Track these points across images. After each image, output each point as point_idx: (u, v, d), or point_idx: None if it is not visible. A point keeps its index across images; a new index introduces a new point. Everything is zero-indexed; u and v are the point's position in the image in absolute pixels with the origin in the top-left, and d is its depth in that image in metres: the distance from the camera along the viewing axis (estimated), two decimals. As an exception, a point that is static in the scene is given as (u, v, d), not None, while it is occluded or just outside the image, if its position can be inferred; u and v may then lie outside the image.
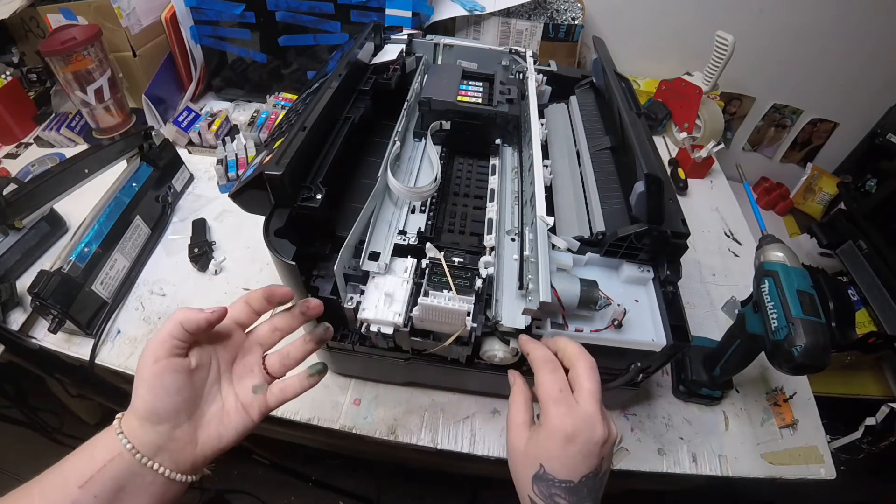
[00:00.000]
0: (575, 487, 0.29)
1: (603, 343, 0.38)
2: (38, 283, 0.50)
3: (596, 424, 0.29)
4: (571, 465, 0.29)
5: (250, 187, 0.37)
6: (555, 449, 0.29)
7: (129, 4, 0.75)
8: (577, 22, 0.86)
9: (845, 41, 0.91)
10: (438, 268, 0.38)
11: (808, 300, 0.38)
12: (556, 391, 0.30)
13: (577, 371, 0.31)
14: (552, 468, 0.29)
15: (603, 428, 0.30)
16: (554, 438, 0.29)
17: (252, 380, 0.33)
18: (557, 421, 0.29)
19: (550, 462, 0.29)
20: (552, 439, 0.29)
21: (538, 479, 0.29)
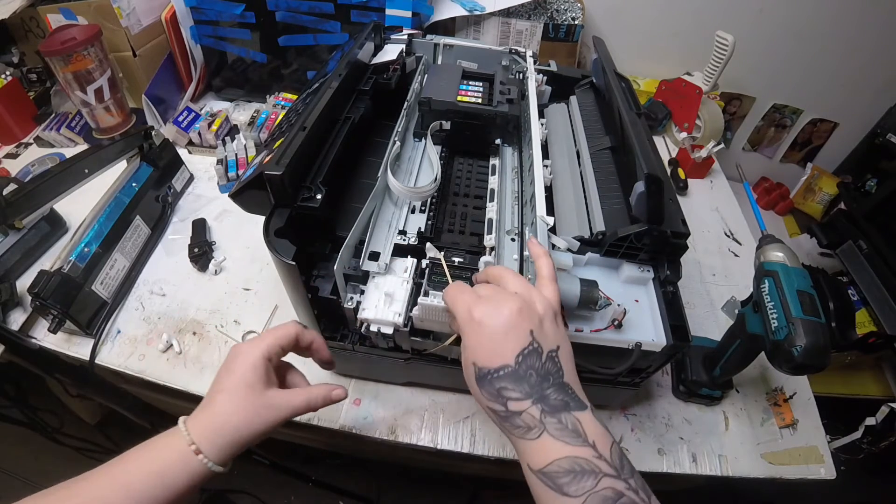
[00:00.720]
0: (515, 371, 0.26)
1: (603, 343, 0.38)
2: (38, 282, 0.50)
3: (500, 297, 0.27)
4: (497, 350, 0.26)
5: (250, 187, 0.37)
6: (475, 342, 0.27)
7: (129, 4, 0.75)
8: (577, 22, 0.86)
9: (845, 41, 0.91)
10: (438, 268, 0.38)
11: (808, 300, 0.38)
12: (466, 296, 0.29)
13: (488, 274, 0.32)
14: (482, 360, 0.27)
15: (513, 297, 0.27)
16: (469, 332, 0.27)
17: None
18: (467, 314, 0.27)
19: (478, 356, 0.27)
20: (469, 335, 0.27)
21: (480, 380, 0.27)
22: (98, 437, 1.01)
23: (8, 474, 0.92)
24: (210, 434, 0.30)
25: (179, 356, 0.54)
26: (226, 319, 0.58)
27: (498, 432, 0.50)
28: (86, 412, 1.02)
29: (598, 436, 0.25)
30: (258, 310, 0.59)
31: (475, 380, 0.27)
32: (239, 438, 0.31)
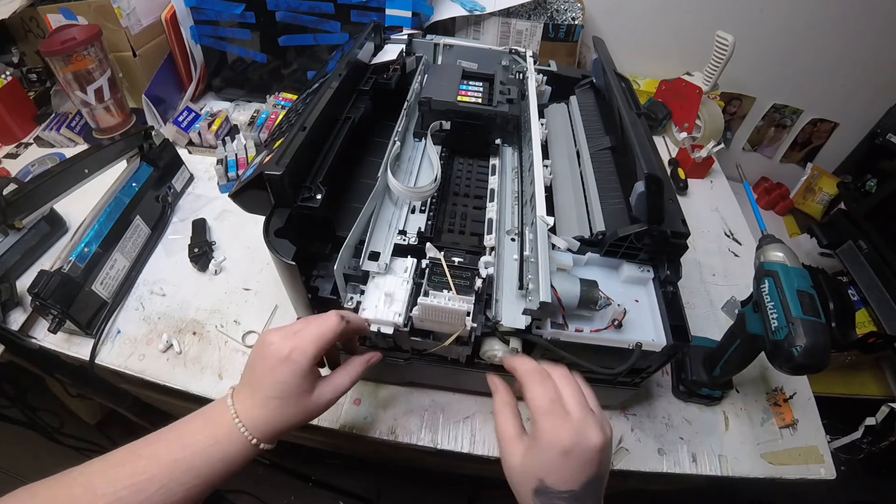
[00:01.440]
0: (577, 494, 0.29)
1: (603, 343, 0.38)
2: (38, 282, 0.50)
3: (590, 431, 0.29)
4: (571, 476, 0.29)
5: (250, 187, 0.37)
6: (552, 463, 0.29)
7: (129, 4, 0.75)
8: (577, 22, 0.86)
9: (845, 41, 0.92)
10: (438, 268, 0.38)
11: (808, 300, 0.38)
12: (547, 402, 0.30)
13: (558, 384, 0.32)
14: (552, 482, 0.29)
15: (598, 433, 0.29)
16: (550, 452, 0.29)
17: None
18: (552, 435, 0.29)
19: (550, 476, 0.29)
20: (549, 453, 0.29)
21: (539, 493, 0.29)
22: (98, 437, 1.01)
23: (8, 474, 0.92)
24: (269, 433, 0.32)
25: (179, 356, 0.54)
26: (226, 319, 0.58)
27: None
28: (86, 412, 1.02)
29: None
30: (258, 310, 0.59)
31: (534, 493, 0.29)
32: (291, 429, 0.34)
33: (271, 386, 0.32)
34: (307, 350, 0.32)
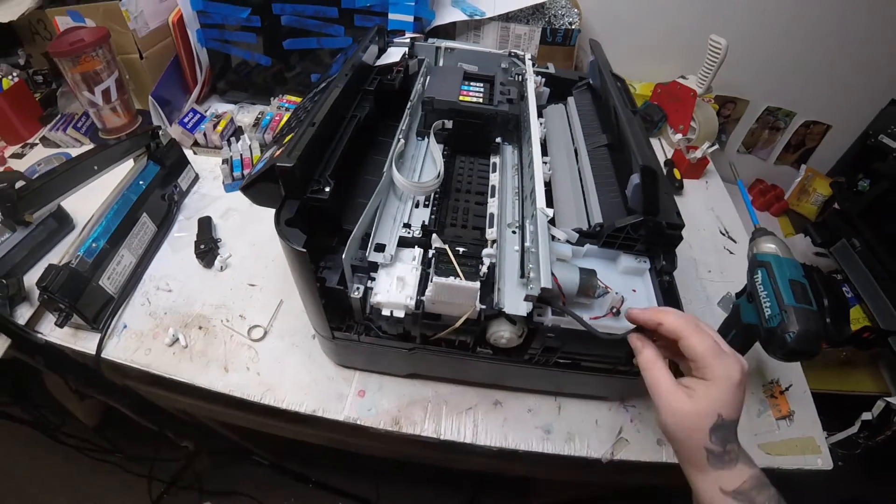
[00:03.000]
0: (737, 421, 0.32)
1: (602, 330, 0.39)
2: (47, 276, 0.50)
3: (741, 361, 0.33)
4: (738, 405, 0.32)
5: (262, 180, 0.38)
6: (729, 397, 0.31)
7: (137, 7, 0.77)
8: (574, 26, 0.88)
9: (837, 44, 0.94)
10: (444, 256, 0.40)
11: (800, 288, 0.40)
12: (713, 344, 0.32)
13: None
14: (727, 414, 0.31)
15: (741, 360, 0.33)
16: (727, 388, 0.31)
17: None
18: (726, 372, 0.32)
19: (725, 410, 0.31)
20: (725, 390, 0.31)
21: (717, 429, 0.31)
22: (98, 437, 1.01)
23: (8, 474, 0.92)
24: None
25: (185, 350, 0.55)
26: (231, 314, 0.58)
27: (499, 423, 0.51)
28: (84, 414, 1.02)
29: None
30: (263, 305, 0.59)
31: (710, 431, 0.31)
32: None
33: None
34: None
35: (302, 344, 0.56)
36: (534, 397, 0.53)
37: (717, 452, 0.31)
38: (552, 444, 0.50)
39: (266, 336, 0.56)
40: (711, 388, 0.32)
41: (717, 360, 0.32)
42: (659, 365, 0.34)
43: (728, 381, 0.31)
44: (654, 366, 0.34)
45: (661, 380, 0.33)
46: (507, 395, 0.53)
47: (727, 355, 0.32)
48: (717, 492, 0.31)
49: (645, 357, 0.35)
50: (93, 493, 1.06)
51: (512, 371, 0.48)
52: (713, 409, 0.31)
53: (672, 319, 0.33)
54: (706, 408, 0.31)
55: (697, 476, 0.33)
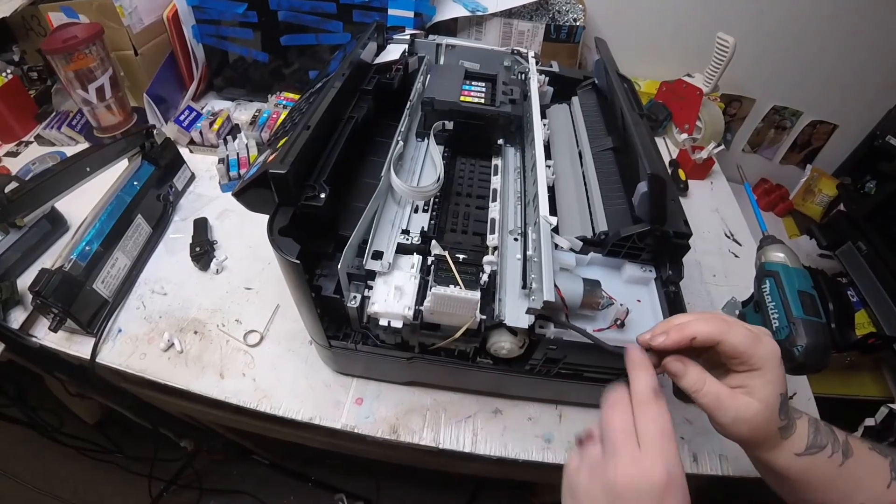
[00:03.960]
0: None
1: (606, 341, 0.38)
2: (40, 281, 0.50)
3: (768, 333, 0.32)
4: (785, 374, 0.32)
5: (254, 185, 0.37)
6: (781, 373, 0.32)
7: (131, 3, 0.75)
8: (578, 23, 0.86)
9: (845, 43, 0.92)
10: (444, 264, 0.38)
11: (809, 300, 0.39)
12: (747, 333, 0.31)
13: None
14: (784, 388, 0.32)
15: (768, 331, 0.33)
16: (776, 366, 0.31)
17: None
18: (767, 352, 0.31)
19: (783, 385, 0.32)
20: (775, 368, 0.31)
21: (782, 406, 0.31)
22: (98, 436, 1.01)
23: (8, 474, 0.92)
24: None
25: (181, 355, 0.54)
26: (227, 318, 0.58)
27: (499, 432, 0.50)
28: (85, 412, 1.02)
29: None
30: (260, 309, 0.59)
31: (777, 410, 0.31)
32: None
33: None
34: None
35: (298, 349, 0.55)
36: (534, 405, 0.52)
37: (785, 425, 0.32)
38: (553, 454, 0.49)
39: (262, 341, 0.56)
40: (765, 374, 0.31)
41: (757, 347, 0.31)
42: (710, 379, 0.32)
43: (774, 359, 0.31)
44: (706, 381, 0.31)
45: (721, 392, 0.31)
46: (507, 404, 0.52)
47: (759, 335, 0.31)
48: (793, 457, 0.32)
49: (692, 379, 0.31)
50: (93, 492, 1.07)
51: (512, 381, 0.47)
52: (775, 394, 0.31)
53: (703, 328, 0.31)
54: (769, 396, 0.31)
55: (770, 454, 0.32)
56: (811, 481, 0.32)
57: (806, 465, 0.32)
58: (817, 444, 0.32)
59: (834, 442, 0.32)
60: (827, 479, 0.32)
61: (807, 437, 0.32)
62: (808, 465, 0.32)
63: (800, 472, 0.32)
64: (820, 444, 0.32)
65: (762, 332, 0.32)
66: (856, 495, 0.32)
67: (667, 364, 0.32)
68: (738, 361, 0.31)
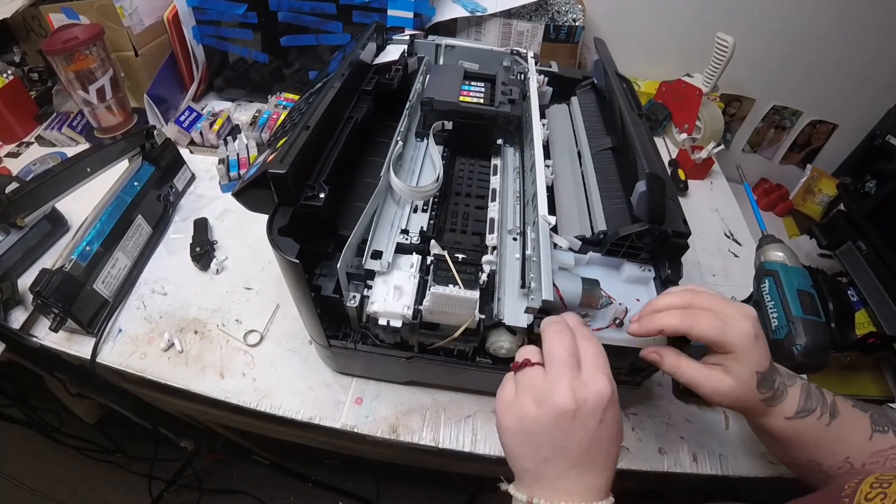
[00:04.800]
0: (771, 362, 0.34)
1: (605, 342, 0.38)
2: (40, 281, 0.50)
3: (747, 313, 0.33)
4: (766, 350, 0.33)
5: (254, 186, 0.37)
6: (756, 353, 0.33)
7: (132, 4, 0.75)
8: (577, 23, 0.86)
9: (845, 43, 0.92)
10: (443, 263, 0.39)
11: (808, 299, 0.39)
12: (716, 323, 0.32)
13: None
14: (763, 365, 0.33)
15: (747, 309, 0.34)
16: (750, 349, 0.33)
17: None
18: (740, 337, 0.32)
19: (759, 364, 0.33)
20: (749, 350, 0.33)
21: (762, 382, 0.33)
22: (98, 436, 1.01)
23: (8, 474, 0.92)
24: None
25: (181, 355, 0.54)
26: (227, 318, 0.58)
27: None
28: (85, 412, 1.02)
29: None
30: (260, 309, 0.59)
31: (757, 385, 0.33)
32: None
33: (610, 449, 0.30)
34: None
35: (298, 349, 0.55)
36: (534, 405, 0.52)
37: (769, 396, 0.34)
38: (552, 453, 0.49)
39: (262, 341, 0.56)
40: (737, 357, 0.33)
41: (727, 334, 0.32)
42: (684, 361, 0.35)
43: (744, 343, 0.32)
44: (680, 365, 0.34)
45: (696, 372, 0.34)
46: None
47: (732, 321, 0.32)
48: (783, 421, 0.34)
49: (668, 364, 0.35)
50: (93, 492, 1.07)
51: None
52: (750, 372, 0.33)
53: (670, 322, 0.33)
54: (743, 374, 0.33)
55: (761, 419, 0.35)
56: (801, 440, 0.35)
57: (796, 426, 0.34)
58: (807, 408, 0.34)
59: (823, 404, 0.35)
60: (816, 438, 0.35)
61: (797, 403, 0.34)
62: (799, 427, 0.34)
63: (791, 433, 0.35)
64: (810, 407, 0.34)
65: (735, 314, 0.33)
66: (842, 450, 0.34)
67: (643, 356, 0.36)
68: (712, 346, 0.33)
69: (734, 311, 0.33)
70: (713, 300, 0.33)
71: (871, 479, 0.27)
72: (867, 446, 0.34)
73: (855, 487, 0.27)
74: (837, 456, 0.34)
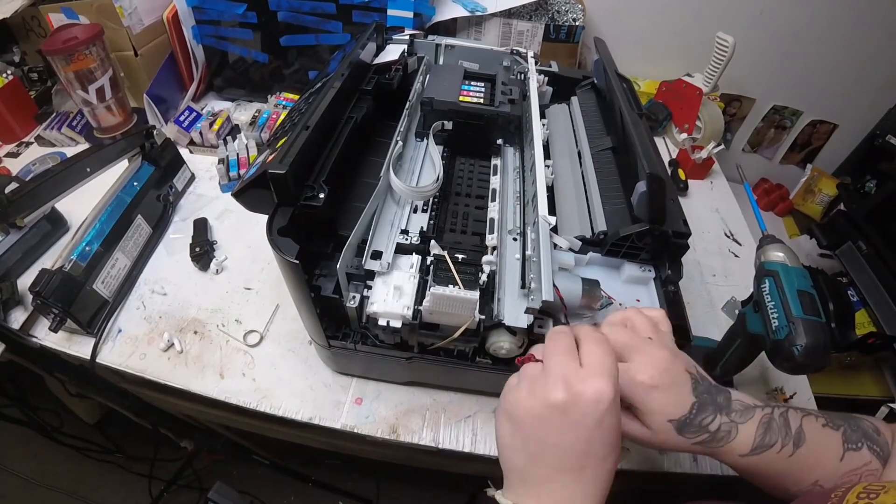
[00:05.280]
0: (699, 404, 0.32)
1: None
2: (40, 281, 0.50)
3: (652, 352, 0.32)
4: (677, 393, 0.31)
5: (254, 186, 0.37)
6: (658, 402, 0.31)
7: (131, 4, 0.75)
8: (577, 23, 0.86)
9: (845, 43, 0.92)
10: (443, 264, 0.38)
11: (809, 300, 0.39)
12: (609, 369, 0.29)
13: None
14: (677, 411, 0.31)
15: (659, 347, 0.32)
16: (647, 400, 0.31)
17: None
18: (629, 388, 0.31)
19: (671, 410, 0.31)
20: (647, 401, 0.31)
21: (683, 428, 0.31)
22: (98, 436, 1.01)
23: (8, 474, 0.92)
24: None
25: (181, 355, 0.54)
26: (227, 318, 0.58)
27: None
28: (85, 412, 1.02)
29: (749, 398, 0.34)
30: (259, 309, 0.59)
31: (676, 432, 0.31)
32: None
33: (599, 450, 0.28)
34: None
35: (298, 349, 0.55)
36: (534, 405, 0.52)
37: (705, 439, 0.32)
38: (552, 453, 0.49)
39: (262, 341, 0.56)
40: (640, 408, 0.31)
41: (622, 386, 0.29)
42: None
43: (641, 393, 0.31)
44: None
45: (626, 424, 0.32)
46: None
47: (627, 371, 0.30)
48: (737, 458, 0.32)
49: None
50: (93, 491, 1.07)
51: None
52: (660, 421, 0.31)
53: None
54: (654, 422, 0.31)
55: (716, 455, 0.33)
56: (761, 473, 0.33)
57: (753, 462, 0.32)
58: (764, 443, 0.32)
59: (785, 435, 0.32)
60: (777, 470, 0.32)
61: (753, 440, 0.32)
62: (756, 462, 0.32)
63: (748, 468, 0.33)
64: (768, 443, 0.32)
65: (628, 366, 0.30)
66: (808, 476, 0.32)
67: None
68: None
69: (637, 357, 0.31)
70: (623, 341, 0.31)
71: (858, 488, 0.25)
72: (838, 468, 0.32)
73: (842, 496, 0.26)
74: (803, 482, 0.32)
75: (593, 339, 0.29)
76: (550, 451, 0.27)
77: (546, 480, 0.27)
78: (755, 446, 0.32)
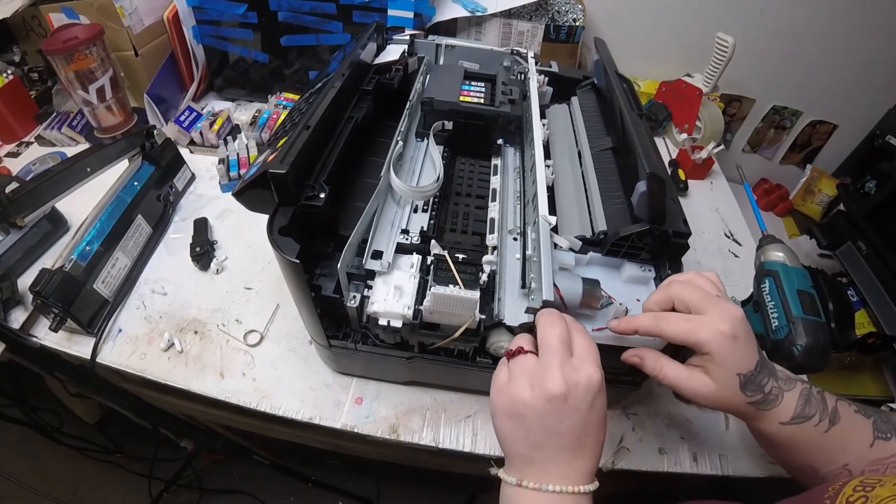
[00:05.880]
0: (761, 363, 0.33)
1: (605, 342, 0.38)
2: (40, 281, 0.50)
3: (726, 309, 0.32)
4: (751, 350, 0.32)
5: (254, 185, 0.37)
6: (736, 355, 0.32)
7: (132, 4, 0.75)
8: (578, 23, 0.86)
9: (845, 43, 0.92)
10: (444, 263, 0.39)
11: (809, 300, 0.39)
12: (687, 325, 0.32)
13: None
14: (746, 367, 0.32)
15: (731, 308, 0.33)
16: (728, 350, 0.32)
17: None
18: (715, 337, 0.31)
19: (742, 365, 0.32)
20: (728, 352, 0.32)
21: (746, 384, 0.32)
22: (98, 436, 1.01)
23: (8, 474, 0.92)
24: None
25: (181, 355, 0.54)
26: (227, 318, 0.58)
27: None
28: (85, 412, 1.02)
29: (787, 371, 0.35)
30: (260, 309, 0.59)
31: (741, 386, 0.32)
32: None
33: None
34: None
35: (298, 349, 0.55)
36: (534, 405, 0.52)
37: (759, 400, 0.33)
38: (552, 453, 0.49)
39: (262, 341, 0.56)
40: (714, 358, 0.32)
41: (698, 335, 0.32)
42: (665, 363, 0.34)
43: (718, 344, 0.31)
44: (661, 367, 0.34)
45: (677, 374, 0.33)
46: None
47: (705, 322, 0.32)
48: (777, 426, 0.33)
49: (649, 366, 0.35)
50: (93, 492, 1.07)
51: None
52: (730, 374, 0.32)
53: (643, 323, 0.34)
54: (723, 376, 0.32)
55: (755, 422, 0.34)
56: (797, 446, 0.34)
57: (792, 432, 0.33)
58: (804, 414, 0.33)
59: (822, 411, 0.33)
60: (813, 444, 0.34)
61: (794, 408, 0.33)
62: (795, 433, 0.33)
63: (786, 438, 0.34)
64: (807, 414, 0.33)
65: (705, 317, 0.32)
66: (841, 457, 0.33)
67: (625, 360, 0.36)
68: (687, 346, 0.33)
69: (714, 309, 0.32)
70: (696, 296, 0.33)
71: (855, 482, 0.26)
72: (867, 454, 0.33)
73: (839, 489, 0.27)
74: (835, 463, 0.33)
75: (580, 332, 0.32)
76: (553, 437, 0.29)
77: (550, 460, 0.30)
78: (796, 415, 0.33)
